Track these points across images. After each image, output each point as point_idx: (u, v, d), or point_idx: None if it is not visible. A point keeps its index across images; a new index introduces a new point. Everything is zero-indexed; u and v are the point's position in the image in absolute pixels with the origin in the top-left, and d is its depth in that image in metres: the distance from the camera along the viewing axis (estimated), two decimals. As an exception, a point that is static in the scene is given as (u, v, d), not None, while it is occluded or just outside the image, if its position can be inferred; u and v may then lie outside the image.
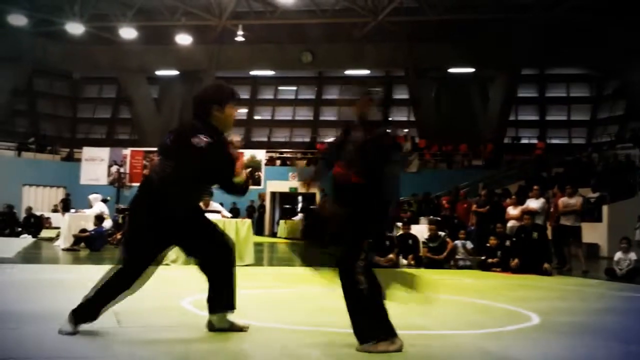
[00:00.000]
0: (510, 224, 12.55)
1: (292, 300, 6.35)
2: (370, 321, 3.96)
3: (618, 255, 10.82)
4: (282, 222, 26.05)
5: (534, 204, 12.45)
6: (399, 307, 4.96)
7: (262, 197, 27.71)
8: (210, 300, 4.36)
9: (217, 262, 4.38)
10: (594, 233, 17.55)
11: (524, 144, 32.38)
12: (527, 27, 26.98)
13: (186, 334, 4.33)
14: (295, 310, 5.54)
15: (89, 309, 4.16)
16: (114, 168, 27.49)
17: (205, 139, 3.99)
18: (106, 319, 4.66)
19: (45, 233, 18.59)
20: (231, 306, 4.38)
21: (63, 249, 13.32)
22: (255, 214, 26.33)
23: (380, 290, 4.07)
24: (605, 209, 18.55)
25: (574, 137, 33.98)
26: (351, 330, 4.05)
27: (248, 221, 11.56)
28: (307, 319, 5.10)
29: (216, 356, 3.73)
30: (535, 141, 31.83)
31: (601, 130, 32.73)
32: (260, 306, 5.75)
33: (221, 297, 4.35)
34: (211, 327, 4.38)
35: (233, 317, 4.43)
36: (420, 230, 14.02)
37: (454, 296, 7.28)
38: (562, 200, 12.23)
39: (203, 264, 4.39)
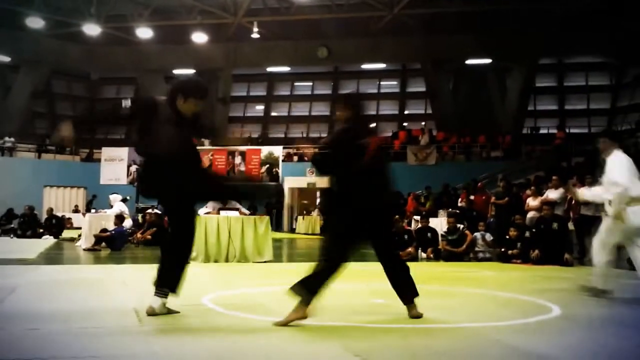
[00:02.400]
0: (530, 215, 12.44)
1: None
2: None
3: None
4: (300, 217, 26.07)
5: (553, 194, 12.32)
6: (420, 301, 4.94)
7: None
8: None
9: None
10: (615, 222, 17.35)
11: (543, 134, 32.06)
12: (544, 16, 26.71)
13: (208, 332, 4.34)
14: (315, 306, 5.52)
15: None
16: (134, 167, 27.71)
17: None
18: (127, 318, 4.70)
19: (66, 233, 18.78)
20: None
21: (84, 249, 13.43)
22: (273, 210, 26.37)
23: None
24: (626, 198, 18.32)
25: (593, 126, 33.58)
26: (371, 325, 3.99)
27: (266, 217, 11.56)
28: (328, 314, 5.09)
29: (236, 353, 3.73)
30: (554, 131, 31.49)
31: (621, 119, 32.30)
32: (280, 302, 5.74)
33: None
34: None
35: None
36: (439, 223, 13.95)
37: (474, 289, 7.23)
38: (583, 190, 12.08)
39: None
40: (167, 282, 4.86)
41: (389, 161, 5.07)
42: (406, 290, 4.91)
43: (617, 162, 6.42)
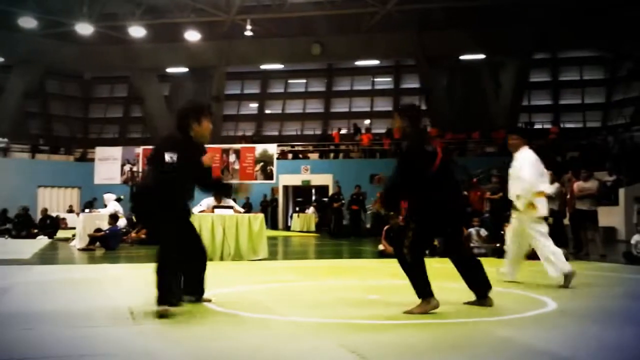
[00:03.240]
0: (526, 210, 12.42)
1: (306, 293, 6.33)
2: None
3: (636, 238, 10.70)
4: (295, 215, 26.07)
5: (548, 189, 12.30)
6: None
7: (274, 191, 27.72)
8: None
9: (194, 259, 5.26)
10: (610, 217, 17.41)
11: (538, 129, 32.13)
12: (538, 11, 26.73)
13: (202, 330, 4.32)
14: (311, 303, 5.51)
15: None
16: (127, 167, 27.65)
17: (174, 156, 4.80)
18: (121, 317, 4.68)
19: (61, 234, 18.72)
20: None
21: (79, 249, 13.38)
22: (268, 208, 26.35)
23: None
24: (621, 192, 18.38)
25: (588, 121, 33.66)
26: (366, 321, 4.15)
27: (261, 215, 11.54)
28: (323, 311, 5.08)
29: (232, 351, 3.71)
30: (549, 126, 31.56)
31: (616, 113, 32.38)
32: (274, 299, 5.73)
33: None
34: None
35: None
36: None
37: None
38: (578, 185, 12.11)
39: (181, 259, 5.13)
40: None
41: (454, 162, 5.28)
42: (478, 285, 5.23)
43: (525, 160, 7.13)
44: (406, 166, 5.01)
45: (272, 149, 28.19)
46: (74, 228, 17.75)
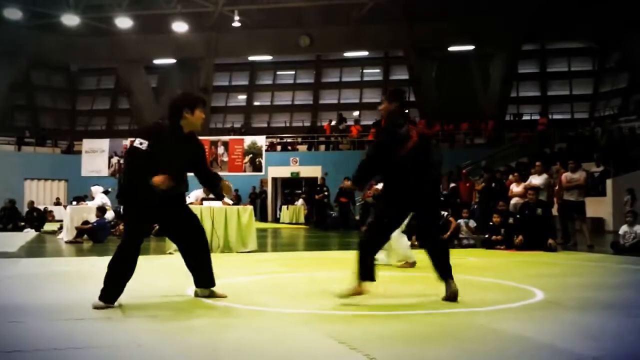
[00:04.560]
0: (514, 201, 12.48)
1: (295, 285, 6.32)
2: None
3: (623, 228, 10.78)
4: (284, 207, 26.05)
5: (536, 180, 12.37)
6: (405, 287, 4.93)
7: (263, 183, 27.69)
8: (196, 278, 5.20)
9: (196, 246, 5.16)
10: (598, 207, 17.51)
11: (526, 121, 32.26)
12: (526, 2, 26.78)
13: (191, 322, 4.30)
14: (300, 295, 5.50)
15: None
16: (115, 159, 27.50)
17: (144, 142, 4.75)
18: (110, 310, 4.65)
19: (48, 226, 18.60)
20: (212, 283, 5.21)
21: (66, 242, 13.29)
22: (257, 200, 26.31)
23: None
24: (609, 183, 18.48)
25: (576, 112, 33.81)
26: (355, 312, 4.20)
27: (250, 207, 11.50)
28: (312, 302, 5.07)
29: (221, 343, 3.69)
30: (537, 117, 31.69)
31: (604, 104, 32.56)
32: (263, 291, 5.72)
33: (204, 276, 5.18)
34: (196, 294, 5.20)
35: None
36: (424, 211, 13.95)
37: (458, 275, 7.20)
38: (566, 175, 12.16)
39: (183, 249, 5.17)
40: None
41: (434, 149, 5.21)
42: (445, 269, 5.15)
43: None
44: (375, 146, 5.12)
45: (261, 140, 28.13)
46: (61, 221, 17.64)
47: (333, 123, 30.89)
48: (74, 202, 15.63)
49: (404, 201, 5.04)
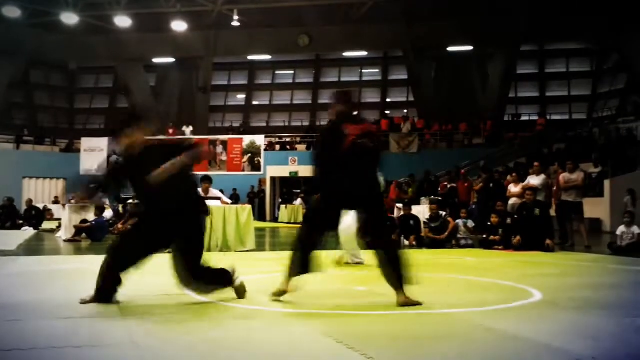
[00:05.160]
0: (512, 201, 12.49)
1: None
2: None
3: (621, 229, 10.79)
4: (282, 207, 26.05)
5: (534, 180, 12.38)
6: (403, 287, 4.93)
7: (262, 182, 27.68)
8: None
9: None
10: (596, 208, 17.52)
11: (525, 121, 32.28)
12: (525, 2, 26.80)
13: (188, 320, 4.30)
14: (298, 294, 5.50)
15: None
16: (113, 158, 27.41)
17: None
18: (108, 308, 4.65)
19: (46, 225, 18.58)
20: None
21: (64, 240, 13.29)
22: (256, 199, 26.30)
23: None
24: (607, 183, 18.50)
25: (574, 113, 33.85)
26: (354, 312, 4.22)
27: (248, 207, 11.51)
28: (310, 301, 5.08)
29: (220, 342, 3.70)
30: (535, 118, 31.73)
31: (602, 105, 32.60)
32: (262, 290, 5.72)
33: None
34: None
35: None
36: (422, 211, 13.97)
37: (456, 275, 7.26)
38: (564, 176, 12.17)
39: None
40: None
41: (377, 148, 5.13)
42: (390, 276, 4.92)
43: None
44: (313, 149, 5.19)
45: (260, 140, 28.12)
46: (59, 219, 17.63)
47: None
48: (73, 201, 15.60)
49: (334, 198, 5.00)
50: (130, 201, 16.01)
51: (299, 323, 4.26)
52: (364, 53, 34.22)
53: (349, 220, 6.60)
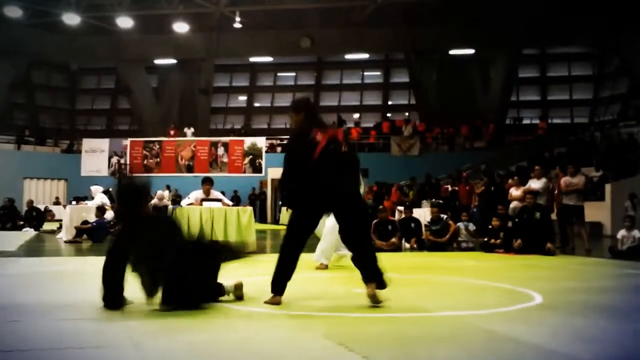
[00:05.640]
0: (513, 205, 12.50)
1: (294, 286, 6.32)
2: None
3: (621, 233, 10.79)
4: (284, 209, 26.02)
5: (535, 184, 12.38)
6: (402, 290, 4.94)
7: (263, 184, 27.67)
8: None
9: None
10: (597, 212, 17.52)
11: (526, 125, 32.27)
12: (526, 6, 26.81)
13: (189, 323, 4.30)
14: (297, 296, 5.51)
15: None
16: (115, 159, 27.48)
17: None
18: (109, 310, 4.65)
19: (47, 226, 18.59)
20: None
21: (65, 241, 13.30)
22: (257, 201, 26.29)
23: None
24: (608, 187, 18.49)
25: (576, 117, 33.85)
26: (353, 314, 4.20)
27: (249, 209, 11.51)
28: (310, 304, 5.08)
29: (220, 344, 3.70)
30: (537, 121, 31.73)
31: (603, 109, 32.58)
32: (262, 292, 5.73)
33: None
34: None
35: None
36: (423, 214, 13.98)
37: (457, 278, 7.26)
38: (565, 180, 12.17)
39: None
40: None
41: (348, 152, 5.17)
42: (368, 273, 4.97)
43: None
44: (285, 159, 5.15)
45: (261, 142, 28.12)
46: (60, 220, 17.64)
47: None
48: (74, 202, 15.64)
49: (313, 203, 5.02)
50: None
51: (299, 325, 4.26)
52: (365, 56, 34.23)
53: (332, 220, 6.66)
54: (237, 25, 29.40)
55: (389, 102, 36.82)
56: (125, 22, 29.22)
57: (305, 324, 4.30)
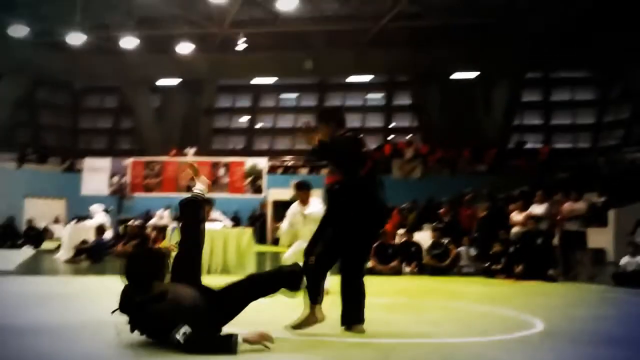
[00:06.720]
0: (515, 229, 12.41)
1: (291, 310, 6.23)
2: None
3: (625, 259, 10.68)
4: (282, 229, 25.89)
5: (537, 209, 12.31)
6: (403, 315, 4.85)
7: (263, 206, 27.59)
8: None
9: None
10: (600, 238, 17.35)
11: (529, 149, 32.20)
12: (530, 31, 26.93)
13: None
14: (293, 320, 5.41)
15: None
16: (116, 178, 27.44)
17: None
18: (105, 331, 4.57)
19: (46, 244, 18.51)
20: None
21: (64, 261, 13.21)
22: (257, 222, 26.19)
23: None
24: (611, 213, 18.35)
25: (579, 142, 33.80)
26: (349, 339, 4.16)
27: (249, 230, 11.46)
28: (311, 329, 4.99)
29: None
30: (540, 146, 31.66)
31: (607, 134, 32.54)
32: (260, 313, 5.64)
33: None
34: None
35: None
36: (424, 237, 13.88)
37: (458, 303, 7.17)
38: (567, 205, 12.10)
39: None
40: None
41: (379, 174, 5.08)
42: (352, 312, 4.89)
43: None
44: (351, 149, 4.82)
45: (262, 163, 28.09)
46: (60, 239, 17.57)
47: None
48: (73, 221, 15.58)
49: (370, 221, 4.82)
50: (131, 222, 15.96)
51: (296, 350, 4.20)
52: (368, 78, 34.33)
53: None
54: (241, 46, 29.52)
55: (392, 125, 36.84)
56: (129, 42, 29.35)
57: (301, 349, 4.23)
